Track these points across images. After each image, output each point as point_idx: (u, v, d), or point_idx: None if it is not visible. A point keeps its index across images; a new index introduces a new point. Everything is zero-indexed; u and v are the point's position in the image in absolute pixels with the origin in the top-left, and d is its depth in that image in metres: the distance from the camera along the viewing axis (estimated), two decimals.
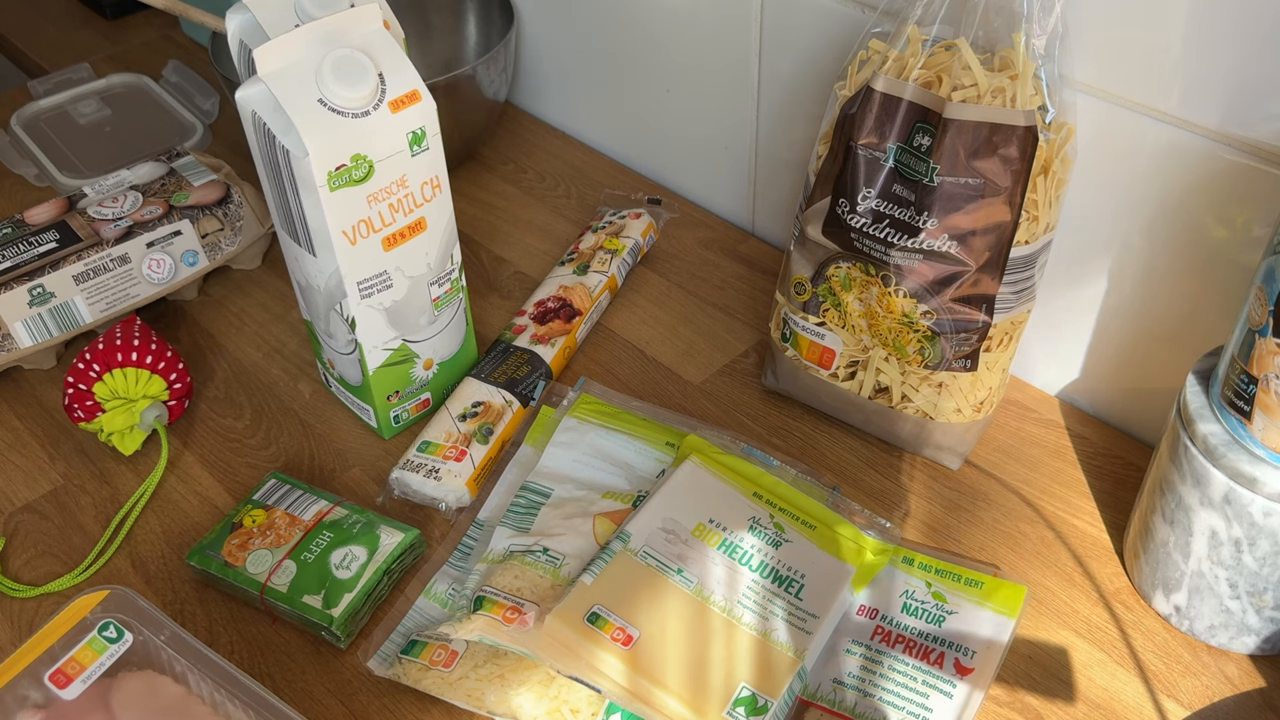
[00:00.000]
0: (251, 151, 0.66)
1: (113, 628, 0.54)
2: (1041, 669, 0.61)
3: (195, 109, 1.06)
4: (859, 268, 0.65)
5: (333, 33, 0.61)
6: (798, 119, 0.82)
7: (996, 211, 0.60)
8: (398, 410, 0.74)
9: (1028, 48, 0.58)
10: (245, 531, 0.65)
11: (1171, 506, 0.59)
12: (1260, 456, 0.54)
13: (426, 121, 0.63)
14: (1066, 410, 0.75)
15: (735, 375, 0.79)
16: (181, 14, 0.81)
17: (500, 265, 0.89)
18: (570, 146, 1.02)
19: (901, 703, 0.58)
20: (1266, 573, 0.56)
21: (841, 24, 0.74)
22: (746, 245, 0.90)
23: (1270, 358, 0.52)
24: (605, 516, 0.65)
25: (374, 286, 0.67)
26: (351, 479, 0.72)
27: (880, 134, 0.62)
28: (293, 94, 0.59)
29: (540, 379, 0.76)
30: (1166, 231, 0.65)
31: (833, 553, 0.64)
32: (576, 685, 0.57)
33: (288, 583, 0.62)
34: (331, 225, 0.62)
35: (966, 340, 0.64)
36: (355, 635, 0.63)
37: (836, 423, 0.75)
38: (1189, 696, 0.59)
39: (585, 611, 0.58)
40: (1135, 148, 0.63)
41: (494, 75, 0.92)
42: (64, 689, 0.52)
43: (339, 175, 0.61)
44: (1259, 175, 0.59)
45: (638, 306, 0.85)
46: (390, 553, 0.64)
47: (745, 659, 0.58)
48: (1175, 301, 0.66)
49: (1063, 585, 0.65)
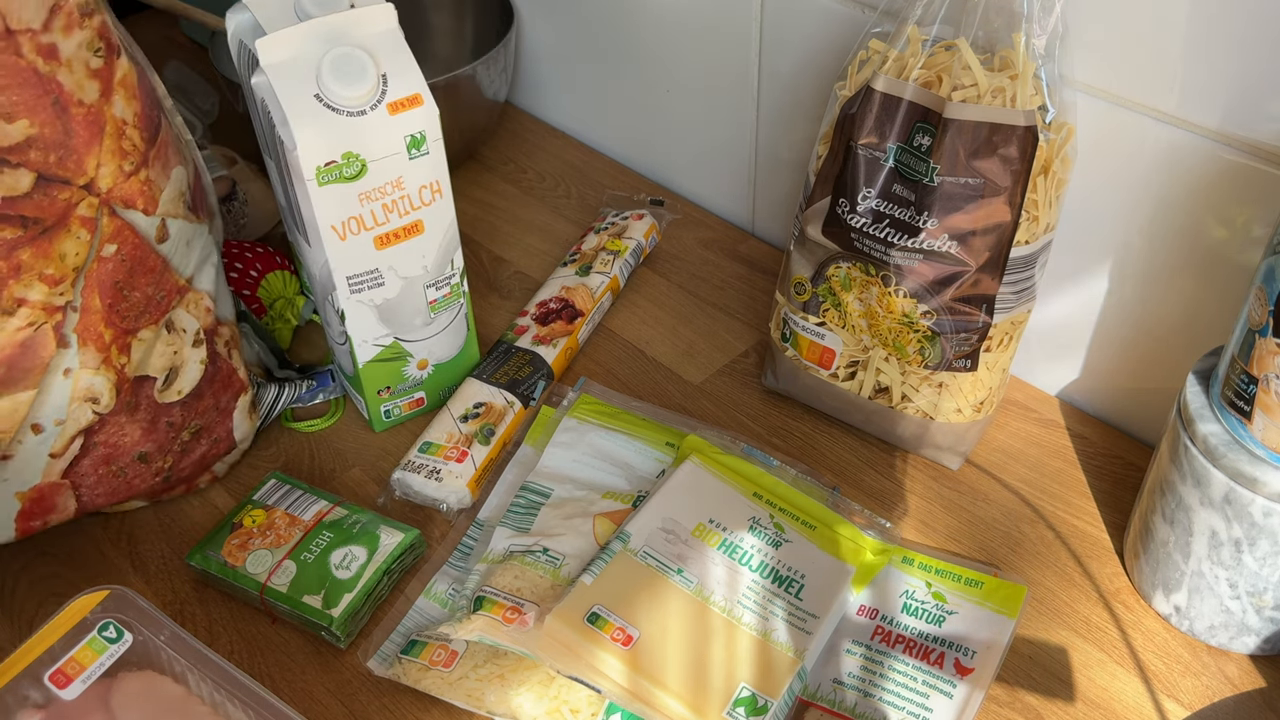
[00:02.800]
0: (259, 138, 0.66)
1: (113, 628, 0.54)
2: (1041, 669, 0.61)
3: (195, 109, 1.06)
4: (859, 268, 0.65)
5: (340, 30, 0.61)
6: (798, 119, 0.82)
7: (996, 211, 0.60)
8: (389, 405, 0.74)
9: (1028, 48, 0.58)
10: (245, 531, 0.65)
11: (1171, 506, 0.59)
12: (1260, 456, 0.54)
13: (427, 126, 0.63)
14: (1066, 410, 0.75)
15: (735, 375, 0.79)
16: (181, 14, 0.81)
17: (500, 265, 0.89)
18: (570, 146, 1.02)
19: (901, 703, 0.58)
20: (1266, 573, 0.56)
21: (841, 24, 0.74)
22: (746, 245, 0.90)
23: (1270, 358, 0.52)
24: (605, 516, 0.65)
25: (364, 283, 0.67)
26: (352, 479, 0.72)
27: (880, 134, 0.62)
28: (290, 87, 0.60)
29: (542, 380, 0.76)
30: (1166, 231, 0.65)
31: (833, 553, 0.64)
32: (576, 685, 0.57)
33: (288, 583, 0.62)
34: (320, 219, 0.63)
35: (966, 340, 0.64)
36: (355, 635, 0.63)
37: (836, 423, 0.75)
38: (1189, 696, 0.59)
39: (585, 611, 0.58)
40: (1135, 148, 0.63)
41: (494, 75, 0.92)
42: (64, 689, 0.52)
43: (328, 171, 0.61)
44: (1259, 175, 0.59)
45: (637, 306, 0.85)
46: (390, 553, 0.64)
47: (745, 659, 0.58)
48: (1175, 301, 0.66)
49: (1063, 585, 0.65)
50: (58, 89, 0.55)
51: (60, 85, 0.55)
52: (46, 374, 0.60)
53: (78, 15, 0.55)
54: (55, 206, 0.57)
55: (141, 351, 0.63)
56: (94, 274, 0.60)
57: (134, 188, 0.60)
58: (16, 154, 0.55)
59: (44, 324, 0.58)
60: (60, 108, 0.55)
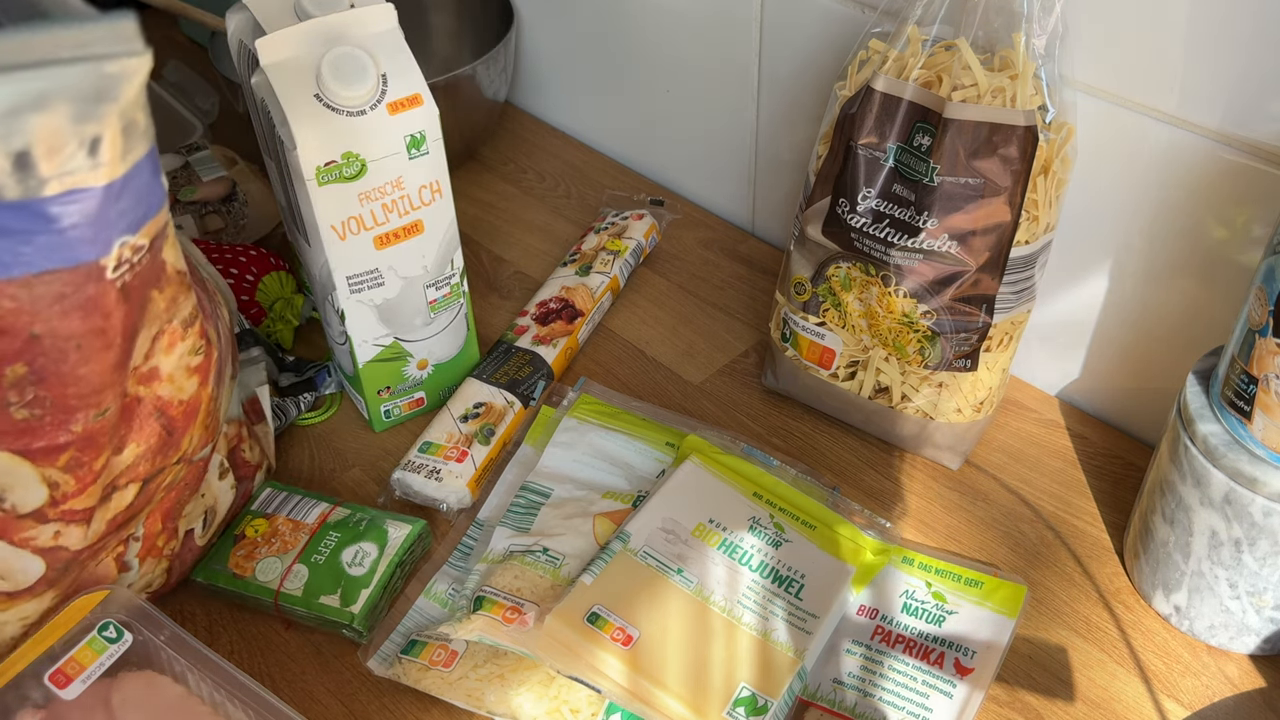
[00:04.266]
0: (259, 138, 0.66)
1: (113, 628, 0.54)
2: (1041, 669, 0.61)
3: (195, 109, 1.06)
4: (859, 268, 0.65)
5: (340, 30, 0.61)
6: (798, 119, 0.82)
7: (996, 211, 0.60)
8: (389, 405, 0.74)
9: (1028, 48, 0.58)
10: (250, 542, 0.65)
11: (1171, 506, 0.59)
12: (1260, 456, 0.54)
13: (427, 126, 0.63)
14: (1066, 410, 0.75)
15: (735, 375, 0.79)
16: (181, 13, 0.81)
17: (500, 265, 0.89)
18: (570, 146, 1.02)
19: (901, 703, 0.58)
20: (1266, 573, 0.56)
21: (841, 24, 0.74)
22: (746, 245, 0.90)
23: (1270, 358, 0.52)
24: (605, 516, 0.65)
25: (364, 283, 0.67)
26: (352, 479, 0.72)
27: (880, 134, 0.62)
28: (290, 87, 0.60)
29: (542, 380, 0.76)
30: (1166, 231, 0.65)
31: (833, 553, 0.64)
32: (576, 685, 0.57)
33: (301, 586, 0.62)
34: (320, 219, 0.63)
35: (966, 340, 0.64)
36: (375, 630, 0.63)
37: (836, 423, 0.75)
38: (1189, 696, 0.59)
39: (585, 611, 0.58)
40: (1135, 148, 0.63)
41: (494, 75, 0.92)
42: (64, 689, 0.52)
43: (328, 171, 0.61)
44: (1259, 175, 0.59)
45: (637, 306, 0.85)
46: (400, 545, 0.64)
47: (745, 659, 0.58)
48: (1175, 301, 0.66)
49: (1063, 585, 0.65)
50: (159, 403, 0.55)
51: (160, 398, 0.55)
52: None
53: (180, 330, 0.55)
54: (149, 495, 0.57)
55: (184, 525, 0.63)
56: (158, 507, 0.60)
57: (208, 437, 0.60)
58: (127, 475, 0.55)
59: (106, 559, 0.58)
60: (164, 418, 0.55)
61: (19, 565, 0.53)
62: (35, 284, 0.45)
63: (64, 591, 0.56)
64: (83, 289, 0.47)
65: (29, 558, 0.53)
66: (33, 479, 0.51)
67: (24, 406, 0.48)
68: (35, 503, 0.51)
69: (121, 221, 0.47)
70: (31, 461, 0.50)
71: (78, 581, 0.56)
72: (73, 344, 0.48)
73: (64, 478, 0.51)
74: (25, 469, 0.50)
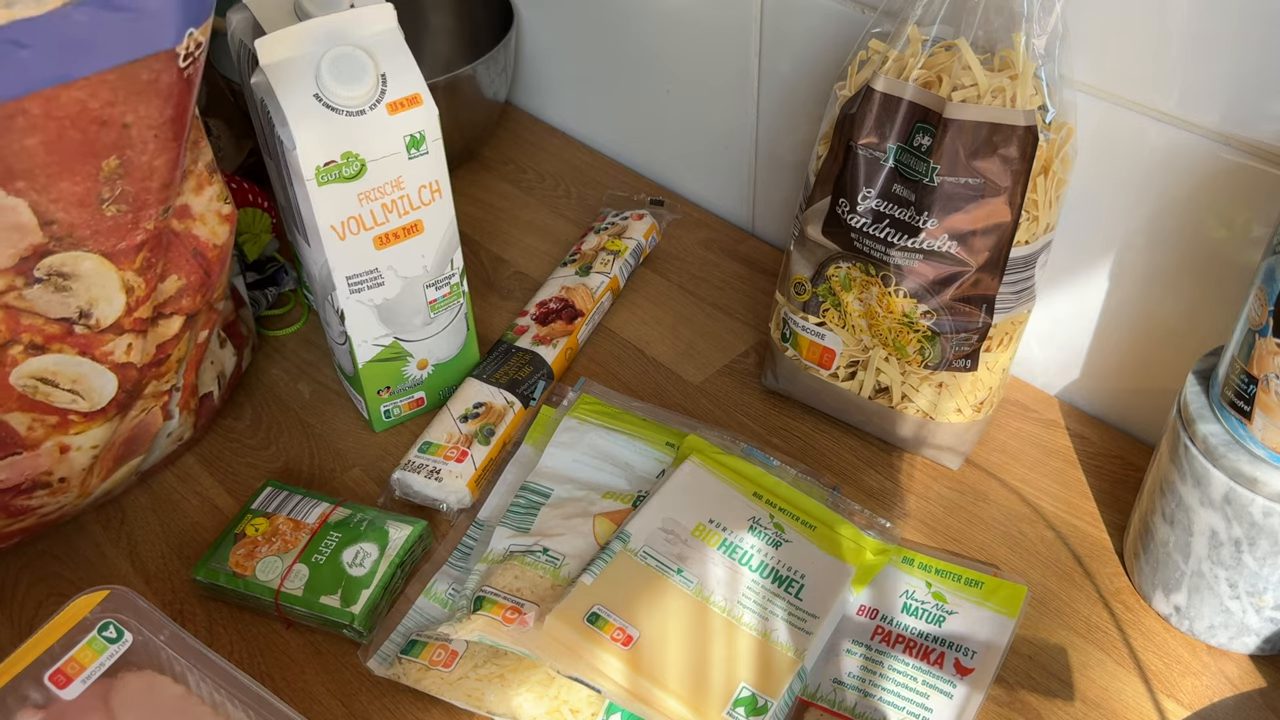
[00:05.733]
0: (258, 138, 0.66)
1: (113, 628, 0.54)
2: (1041, 669, 0.61)
3: None
4: (859, 268, 0.65)
5: (340, 29, 0.61)
6: (798, 119, 0.82)
7: (996, 211, 0.60)
8: (389, 405, 0.74)
9: (1028, 48, 0.58)
10: (250, 540, 0.65)
11: (1171, 506, 0.59)
12: (1260, 456, 0.54)
13: (427, 126, 0.63)
14: (1066, 410, 0.75)
15: (735, 375, 0.79)
16: None
17: (500, 265, 0.89)
18: (570, 146, 1.02)
19: (901, 703, 0.58)
20: (1266, 573, 0.56)
21: (841, 24, 0.74)
22: (746, 245, 0.90)
23: (1270, 358, 0.52)
24: (605, 516, 0.65)
25: (364, 283, 0.67)
26: (352, 479, 0.72)
27: (880, 134, 0.62)
28: (290, 87, 0.60)
29: (542, 380, 0.76)
30: (1166, 231, 0.65)
31: (833, 553, 0.64)
32: (576, 685, 0.57)
33: (302, 586, 0.62)
34: (320, 219, 0.63)
35: (966, 340, 0.64)
36: (376, 630, 0.63)
37: (836, 423, 0.75)
38: (1189, 696, 0.59)
39: (585, 611, 0.58)
40: (1135, 148, 0.63)
41: (494, 75, 0.92)
42: (64, 689, 0.52)
43: (328, 170, 0.61)
44: (1259, 175, 0.59)
45: (637, 306, 0.85)
46: (401, 546, 0.64)
47: (745, 659, 0.58)
48: (1175, 301, 0.66)
49: (1063, 585, 0.65)
50: (194, 241, 0.62)
51: (197, 239, 0.62)
52: (154, 441, 0.68)
53: (206, 174, 0.62)
54: (191, 332, 0.64)
55: (203, 388, 0.72)
56: (192, 358, 0.67)
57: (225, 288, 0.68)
58: (170, 305, 0.62)
59: (154, 407, 0.65)
60: (202, 259, 0.62)
61: (98, 383, 0.59)
62: (127, 71, 0.50)
63: (127, 426, 0.63)
64: (163, 76, 0.52)
65: (106, 374, 0.59)
66: (115, 286, 0.56)
67: (114, 202, 0.53)
68: (114, 314, 0.57)
69: (189, 10, 0.52)
70: (116, 265, 0.56)
71: (137, 425, 0.64)
72: (152, 133, 0.53)
73: (137, 280, 0.57)
74: (111, 275, 0.56)
